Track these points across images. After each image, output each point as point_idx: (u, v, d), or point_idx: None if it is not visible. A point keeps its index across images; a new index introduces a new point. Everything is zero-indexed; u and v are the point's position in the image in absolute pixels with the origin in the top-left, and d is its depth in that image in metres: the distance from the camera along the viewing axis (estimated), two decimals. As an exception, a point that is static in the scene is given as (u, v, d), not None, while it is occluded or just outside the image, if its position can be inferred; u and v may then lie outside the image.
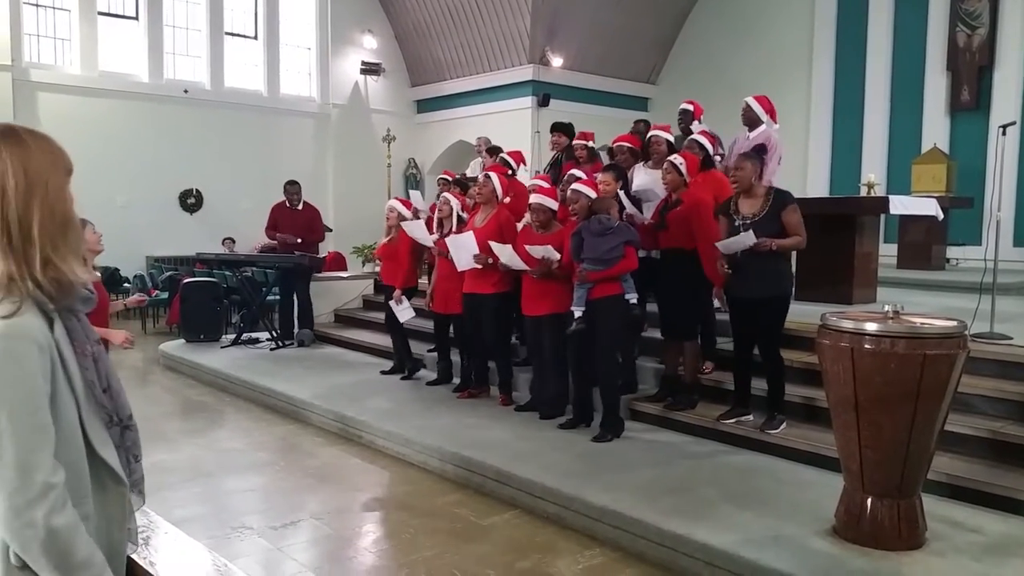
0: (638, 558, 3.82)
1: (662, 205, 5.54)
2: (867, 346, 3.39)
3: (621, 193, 5.67)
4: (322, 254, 10.05)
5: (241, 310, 10.20)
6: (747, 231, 4.75)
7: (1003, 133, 5.53)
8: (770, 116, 6.38)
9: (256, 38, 14.78)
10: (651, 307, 5.74)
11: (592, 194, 5.39)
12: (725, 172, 5.91)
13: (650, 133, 6.20)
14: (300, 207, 9.30)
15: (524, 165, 7.55)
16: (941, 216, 8.26)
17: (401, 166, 15.79)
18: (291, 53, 15.14)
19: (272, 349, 8.80)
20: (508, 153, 7.59)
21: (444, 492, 4.78)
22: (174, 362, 8.67)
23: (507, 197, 6.39)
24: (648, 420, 5.57)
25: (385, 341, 7.76)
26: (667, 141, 6.01)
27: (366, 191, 14.44)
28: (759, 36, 13.65)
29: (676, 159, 5.38)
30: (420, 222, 7.08)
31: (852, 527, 3.58)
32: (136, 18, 13.46)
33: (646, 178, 6.00)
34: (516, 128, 13.68)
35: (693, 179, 5.41)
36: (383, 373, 7.39)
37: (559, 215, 5.73)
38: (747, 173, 4.85)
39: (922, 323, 3.44)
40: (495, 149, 8.46)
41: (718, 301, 5.38)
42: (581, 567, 3.76)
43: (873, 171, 10.99)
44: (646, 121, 7.95)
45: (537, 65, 13.76)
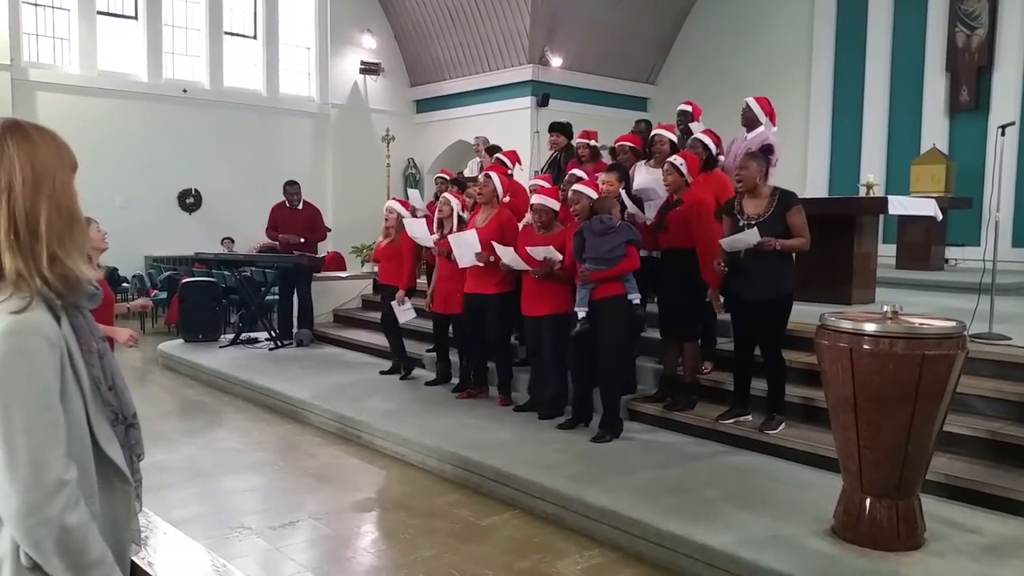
0: (637, 558, 3.82)
1: (664, 205, 5.54)
2: (866, 346, 3.39)
3: (623, 193, 5.67)
4: (321, 254, 10.03)
5: (240, 310, 10.19)
6: (752, 229, 4.73)
7: (1002, 134, 5.53)
8: (769, 118, 6.38)
9: (255, 38, 14.78)
10: (651, 307, 5.74)
11: (593, 195, 5.38)
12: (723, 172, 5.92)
13: (653, 132, 6.19)
14: (300, 207, 9.30)
15: (519, 164, 7.54)
16: (940, 216, 8.26)
17: (400, 166, 15.78)
18: (290, 53, 15.13)
19: (271, 349, 8.80)
20: (503, 153, 7.57)
21: (443, 492, 4.78)
22: (173, 362, 8.67)
23: (507, 196, 6.39)
24: (647, 420, 5.57)
25: (384, 341, 7.75)
26: (670, 141, 6.00)
27: (365, 191, 14.43)
28: (758, 36, 13.66)
29: (676, 160, 5.37)
30: (421, 222, 7.07)
31: (851, 527, 3.58)
32: (135, 17, 13.45)
33: (647, 177, 6.00)
34: (515, 128, 13.68)
35: (695, 179, 5.40)
36: (382, 373, 7.39)
37: (560, 215, 5.73)
38: (752, 173, 4.83)
39: (921, 323, 3.44)
40: (494, 149, 8.44)
41: (715, 305, 5.27)
42: (580, 567, 3.76)
43: (872, 171, 11.02)
44: (647, 121, 7.95)
45: (536, 65, 13.76)
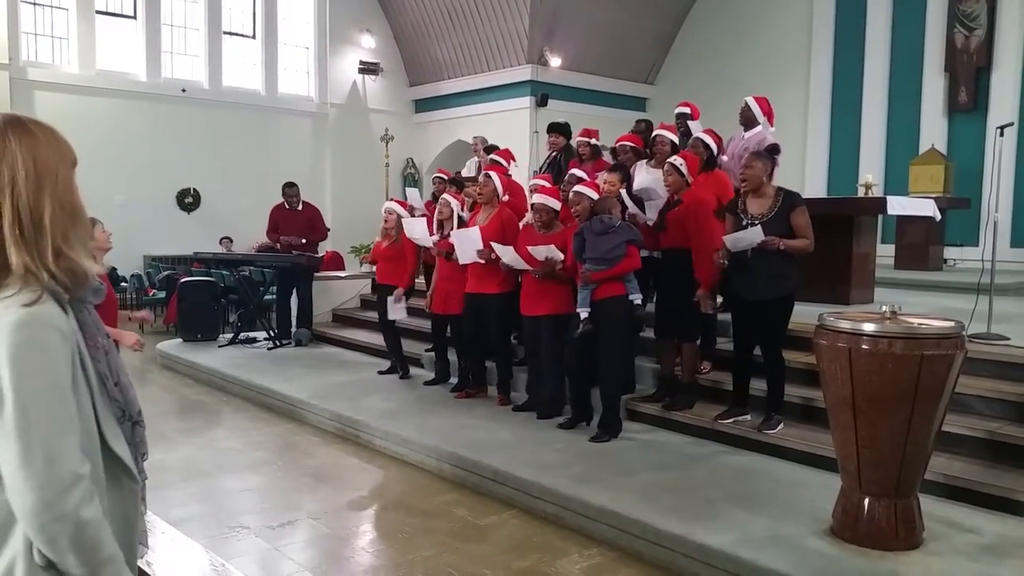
0: (636, 558, 3.82)
1: (664, 206, 5.54)
2: (864, 346, 3.39)
3: (623, 193, 5.66)
4: (320, 254, 10.03)
5: (238, 309, 10.19)
6: (756, 227, 4.71)
7: (1000, 134, 5.53)
8: (767, 118, 6.38)
9: (254, 37, 14.77)
10: (650, 307, 5.74)
11: (594, 196, 5.37)
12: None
13: (655, 133, 6.18)
14: (300, 208, 9.29)
15: (514, 162, 7.53)
16: (939, 217, 8.27)
17: (399, 166, 15.79)
18: (289, 52, 15.14)
19: (269, 348, 8.79)
20: (497, 153, 7.52)
21: (441, 492, 4.78)
22: (171, 361, 8.66)
23: (506, 196, 6.38)
24: (646, 420, 5.57)
25: (383, 341, 7.74)
26: (671, 141, 6.00)
27: (364, 191, 14.43)
28: (757, 37, 13.67)
29: (676, 160, 5.37)
30: (420, 221, 7.06)
31: (849, 527, 3.58)
32: (134, 17, 13.45)
33: (648, 177, 6.00)
34: (514, 128, 13.69)
35: (695, 179, 5.40)
36: (380, 373, 7.39)
37: (561, 214, 5.72)
38: (757, 172, 4.82)
39: (919, 323, 3.44)
40: (492, 149, 8.43)
41: (703, 304, 5.21)
42: (579, 567, 3.76)
43: (871, 172, 11.03)
44: (648, 121, 7.93)
45: (535, 65, 13.76)
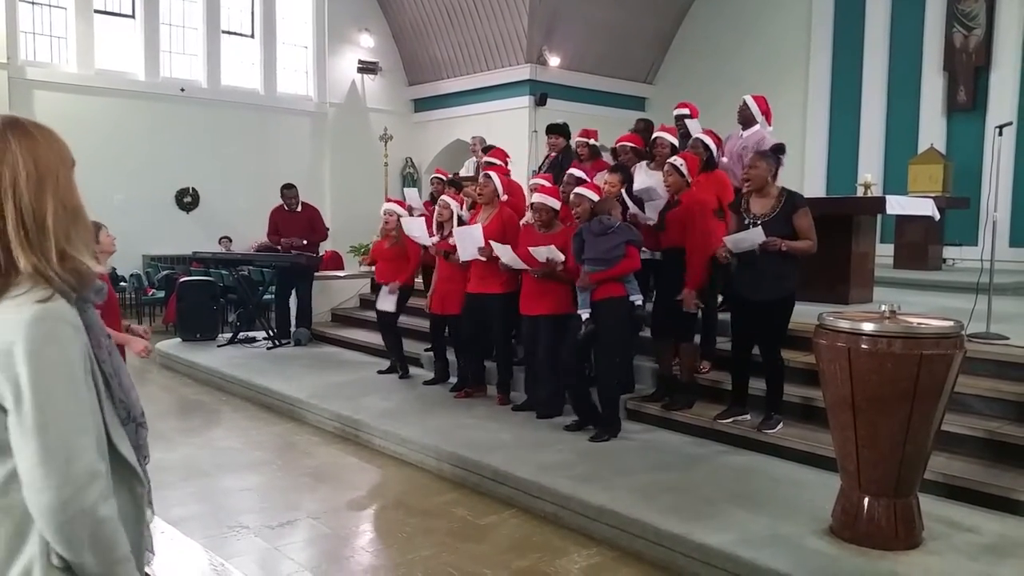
0: (636, 557, 3.82)
1: (665, 206, 5.54)
2: (864, 346, 3.39)
3: (623, 194, 5.65)
4: (319, 253, 10.02)
5: (238, 309, 10.18)
6: (757, 228, 4.71)
7: (999, 134, 5.53)
8: (765, 117, 6.38)
9: (253, 36, 14.75)
10: (650, 307, 5.74)
11: (595, 197, 5.35)
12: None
13: (655, 135, 6.18)
14: (299, 209, 9.29)
15: (508, 160, 7.52)
16: (937, 216, 8.27)
17: (398, 165, 15.78)
18: (288, 52, 15.12)
19: (269, 348, 8.79)
20: (491, 153, 7.48)
21: (441, 491, 4.78)
22: (170, 361, 8.66)
23: (505, 195, 6.37)
24: (645, 420, 5.57)
25: (382, 340, 7.74)
26: (671, 144, 6.00)
27: (363, 190, 14.42)
28: (757, 36, 13.67)
29: (676, 160, 5.37)
30: (420, 221, 7.06)
31: (849, 527, 3.58)
32: (132, 16, 13.42)
33: (647, 180, 6.00)
34: (514, 128, 13.69)
35: (695, 179, 5.40)
36: (380, 372, 7.38)
37: (561, 213, 5.71)
38: (761, 172, 4.82)
39: (919, 323, 3.45)
40: (490, 149, 8.42)
41: (687, 303, 5.22)
42: (579, 566, 3.76)
43: (870, 171, 11.03)
44: (647, 120, 7.92)
45: (534, 64, 13.75)
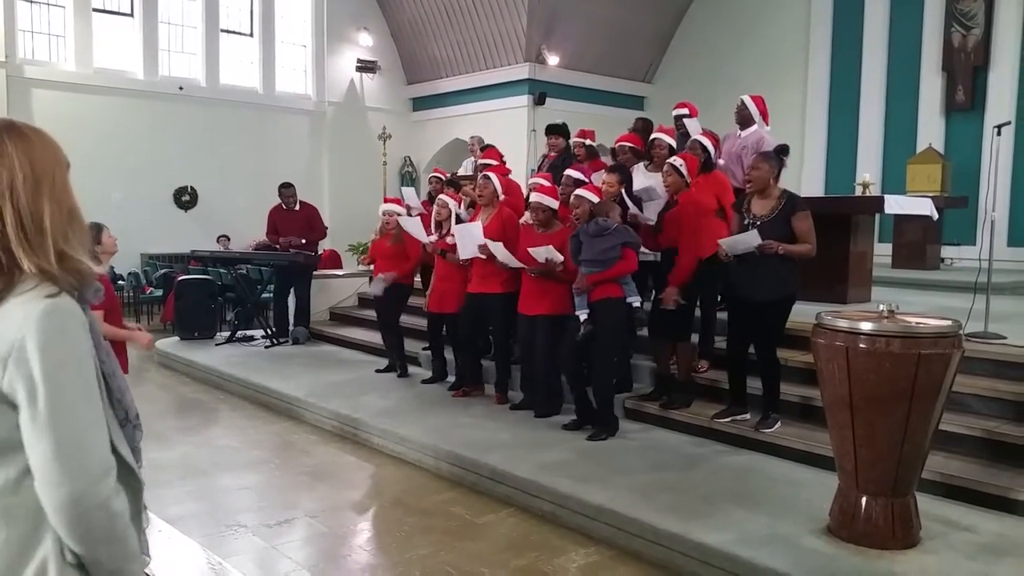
0: (634, 557, 3.83)
1: (664, 207, 5.55)
2: (862, 345, 3.39)
3: (624, 194, 5.65)
4: (318, 252, 10.02)
5: (236, 308, 10.18)
6: (753, 231, 4.73)
7: (998, 133, 5.53)
8: (763, 117, 6.38)
9: (251, 35, 14.74)
10: (648, 307, 5.74)
11: (595, 199, 5.33)
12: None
13: (653, 136, 6.17)
14: (297, 208, 9.28)
15: (502, 158, 7.52)
16: (936, 216, 8.27)
17: (397, 164, 15.77)
18: (287, 50, 15.11)
19: (267, 347, 8.78)
20: (485, 154, 7.46)
21: (439, 490, 4.78)
22: (168, 359, 8.65)
23: (503, 195, 6.37)
24: (644, 419, 5.58)
25: (380, 339, 7.74)
26: (669, 145, 6.00)
27: (362, 189, 14.41)
28: (755, 35, 13.67)
29: (676, 161, 5.37)
30: (416, 220, 7.07)
31: (847, 526, 3.59)
32: (131, 15, 13.40)
33: (646, 181, 6.00)
34: (512, 127, 13.68)
35: (694, 180, 5.40)
36: (378, 371, 7.38)
37: (560, 212, 5.71)
38: (763, 173, 4.83)
39: (917, 322, 3.45)
40: (488, 148, 8.41)
41: (667, 299, 5.27)
42: (577, 565, 3.76)
43: (868, 170, 11.04)
44: (646, 119, 7.92)
45: (533, 63, 13.75)
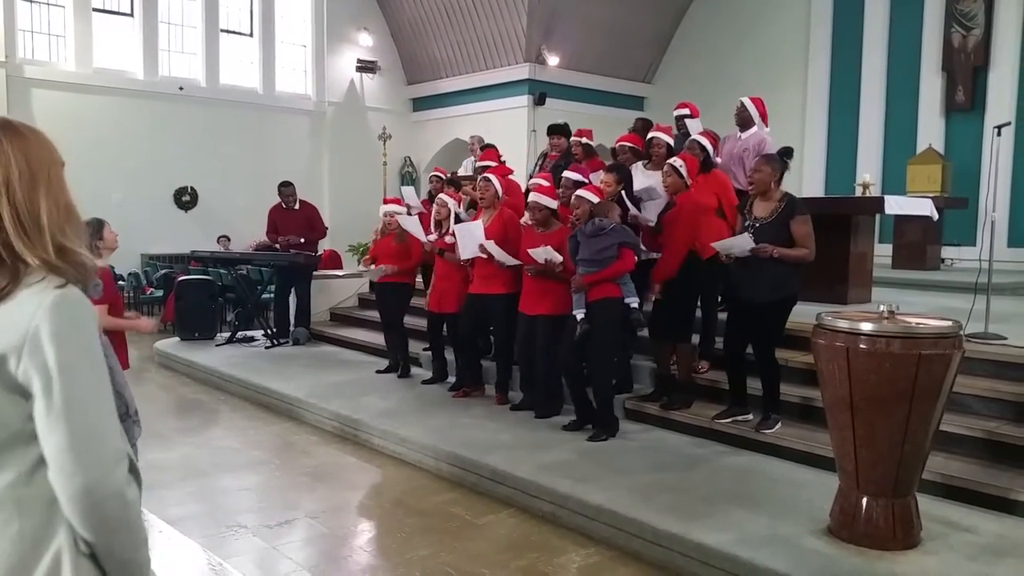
0: (634, 557, 3.82)
1: (664, 208, 5.56)
2: (862, 346, 3.39)
3: (624, 196, 5.64)
4: (318, 252, 10.02)
5: (236, 308, 10.18)
6: (748, 234, 4.74)
7: (998, 134, 5.53)
8: (762, 119, 6.38)
9: (251, 35, 14.75)
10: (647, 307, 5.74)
11: (595, 199, 5.33)
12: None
13: (650, 135, 6.17)
14: (297, 207, 9.29)
15: (500, 157, 7.52)
16: (936, 216, 8.27)
17: (397, 164, 15.77)
18: (287, 50, 15.12)
19: (267, 347, 8.78)
20: (483, 156, 7.43)
21: (439, 491, 4.78)
22: (169, 360, 8.65)
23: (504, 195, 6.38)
24: (644, 420, 5.57)
25: (380, 340, 7.74)
26: (667, 144, 5.99)
27: (361, 189, 14.42)
28: (755, 36, 13.67)
29: (676, 162, 5.36)
30: (414, 219, 7.07)
31: (847, 527, 3.58)
32: (131, 15, 13.41)
33: (645, 181, 5.99)
34: (512, 127, 13.68)
35: (694, 181, 5.40)
36: (379, 372, 7.38)
37: (560, 211, 5.70)
38: (764, 176, 4.83)
39: (917, 323, 3.45)
40: (489, 148, 8.41)
41: (651, 296, 5.40)
42: (577, 566, 3.76)
43: (868, 171, 11.05)
44: (646, 119, 7.92)
45: (533, 64, 13.75)
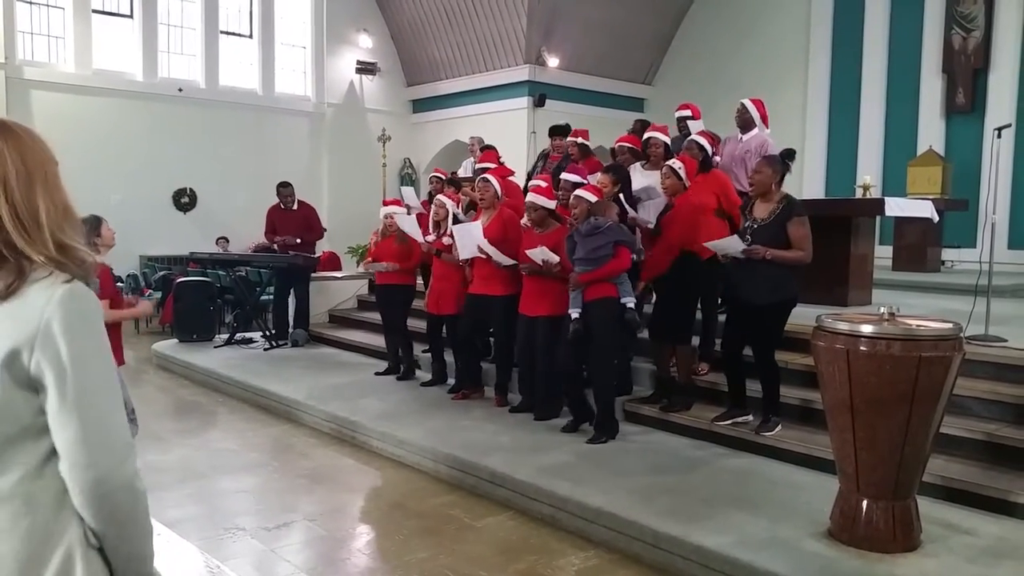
0: (634, 560, 3.81)
1: (663, 210, 5.56)
2: (862, 348, 3.38)
3: (622, 197, 5.64)
4: (316, 254, 10.01)
5: (235, 310, 10.17)
6: (742, 236, 4.75)
7: (998, 136, 5.53)
8: (763, 121, 6.38)
9: (251, 37, 14.73)
10: (647, 308, 5.74)
11: (593, 199, 5.32)
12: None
13: (647, 135, 6.16)
14: (295, 207, 9.29)
15: (499, 157, 7.52)
16: (936, 218, 8.27)
17: (396, 166, 15.76)
18: (286, 52, 15.10)
19: (266, 349, 8.77)
20: (481, 158, 7.43)
21: (438, 493, 4.77)
22: (167, 361, 8.63)
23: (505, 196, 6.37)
24: (643, 422, 5.56)
25: (379, 342, 7.74)
26: (664, 143, 5.99)
27: (361, 191, 14.40)
28: (755, 37, 13.67)
29: (675, 163, 5.36)
30: (412, 219, 7.07)
31: (847, 529, 3.57)
32: (131, 16, 13.40)
33: (643, 181, 5.99)
34: (512, 128, 13.67)
35: (693, 181, 5.39)
36: (377, 374, 7.36)
37: (559, 211, 5.69)
38: (764, 178, 4.83)
39: (917, 325, 3.44)
40: (488, 148, 8.40)
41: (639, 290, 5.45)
42: (576, 568, 3.75)
43: (869, 173, 11.03)
44: (645, 121, 7.92)
45: (533, 65, 13.74)
